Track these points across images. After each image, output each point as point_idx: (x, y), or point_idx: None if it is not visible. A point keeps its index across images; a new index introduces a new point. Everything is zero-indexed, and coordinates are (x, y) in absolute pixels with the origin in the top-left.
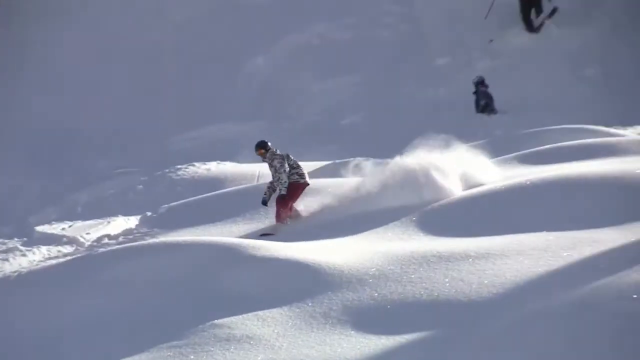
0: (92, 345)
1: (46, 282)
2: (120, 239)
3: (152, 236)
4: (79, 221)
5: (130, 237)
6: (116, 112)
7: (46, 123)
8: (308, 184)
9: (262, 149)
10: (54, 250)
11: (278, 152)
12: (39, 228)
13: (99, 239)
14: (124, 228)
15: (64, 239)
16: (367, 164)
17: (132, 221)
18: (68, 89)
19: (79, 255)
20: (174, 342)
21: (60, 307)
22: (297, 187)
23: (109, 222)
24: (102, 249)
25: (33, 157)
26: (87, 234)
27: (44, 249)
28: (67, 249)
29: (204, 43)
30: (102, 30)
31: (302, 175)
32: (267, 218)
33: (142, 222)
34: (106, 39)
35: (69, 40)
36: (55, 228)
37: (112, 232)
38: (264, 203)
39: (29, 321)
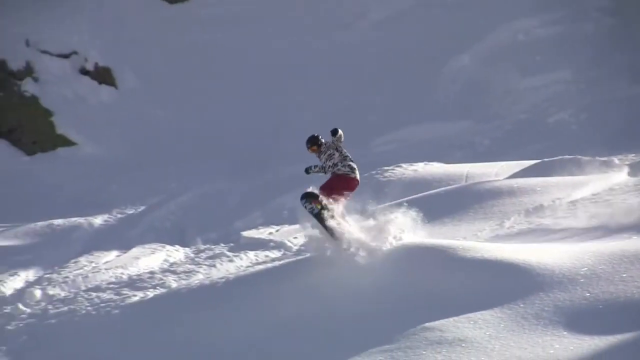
0: (299, 346)
1: (254, 287)
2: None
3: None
4: (286, 225)
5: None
6: (318, 114)
7: (251, 131)
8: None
9: (314, 146)
10: (261, 255)
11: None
12: (245, 233)
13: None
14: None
15: (271, 244)
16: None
17: None
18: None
19: (286, 260)
20: (385, 346)
21: (268, 309)
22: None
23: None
24: (309, 254)
25: (237, 164)
26: (295, 238)
27: (251, 254)
28: (275, 253)
29: (406, 42)
30: (292, 35)
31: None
32: (477, 220)
33: None
34: (300, 44)
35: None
36: (262, 233)
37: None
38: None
39: (243, 323)
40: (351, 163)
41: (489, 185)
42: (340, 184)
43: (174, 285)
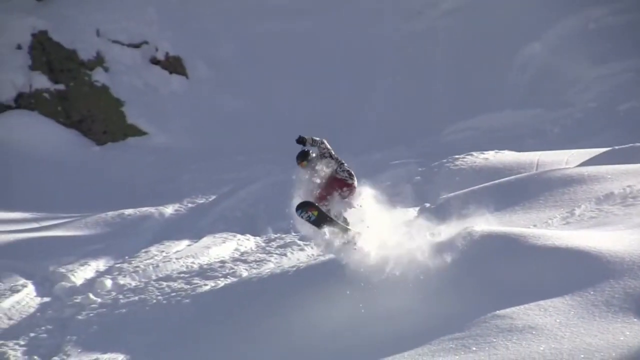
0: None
1: (325, 276)
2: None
3: (432, 227)
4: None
5: (410, 228)
6: (389, 103)
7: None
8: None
9: (305, 161)
10: None
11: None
12: None
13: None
14: (404, 220)
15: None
16: None
17: (410, 212)
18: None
19: None
20: (456, 334)
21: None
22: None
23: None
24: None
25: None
26: (368, 227)
27: None
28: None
29: (476, 30)
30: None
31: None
32: (547, 207)
33: (420, 213)
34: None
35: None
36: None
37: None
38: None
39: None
40: (349, 169)
41: (559, 173)
42: (336, 186)
43: (244, 274)
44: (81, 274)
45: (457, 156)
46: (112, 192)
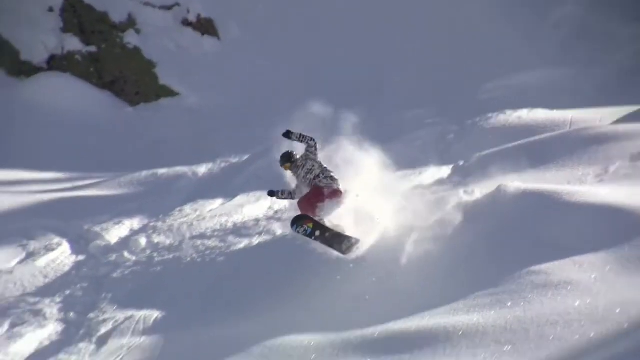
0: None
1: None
2: (434, 188)
3: (465, 185)
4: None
5: (443, 186)
6: (421, 66)
7: (352, 81)
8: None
9: (288, 163)
10: None
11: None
12: None
13: (412, 188)
14: (436, 178)
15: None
16: None
17: (444, 171)
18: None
19: None
20: (491, 289)
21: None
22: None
23: (420, 173)
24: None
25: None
26: (400, 184)
27: None
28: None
29: None
30: None
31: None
32: (581, 165)
33: (454, 172)
34: None
35: None
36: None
37: (425, 182)
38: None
39: (350, 269)
40: (332, 174)
41: (593, 131)
42: (321, 197)
43: (279, 232)
44: (116, 232)
45: (490, 115)
46: (145, 152)
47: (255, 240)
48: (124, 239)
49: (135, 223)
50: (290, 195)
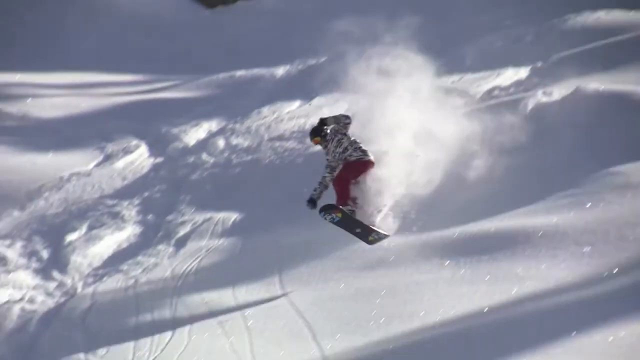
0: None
1: None
2: (511, 90)
3: (545, 86)
4: (469, 74)
5: (521, 87)
6: None
7: None
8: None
9: (318, 137)
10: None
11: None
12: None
13: (490, 90)
14: (515, 79)
15: (454, 92)
16: None
17: (522, 72)
18: None
19: None
20: (570, 191)
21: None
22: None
23: (498, 74)
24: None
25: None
26: (478, 86)
27: None
28: (458, 101)
29: None
30: None
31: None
32: None
33: (532, 73)
34: None
35: None
36: (444, 82)
37: (503, 84)
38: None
39: None
40: (361, 145)
41: None
42: (354, 172)
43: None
44: (193, 134)
45: (568, 16)
46: (223, 55)
47: None
48: (202, 141)
49: (213, 125)
50: (323, 186)
